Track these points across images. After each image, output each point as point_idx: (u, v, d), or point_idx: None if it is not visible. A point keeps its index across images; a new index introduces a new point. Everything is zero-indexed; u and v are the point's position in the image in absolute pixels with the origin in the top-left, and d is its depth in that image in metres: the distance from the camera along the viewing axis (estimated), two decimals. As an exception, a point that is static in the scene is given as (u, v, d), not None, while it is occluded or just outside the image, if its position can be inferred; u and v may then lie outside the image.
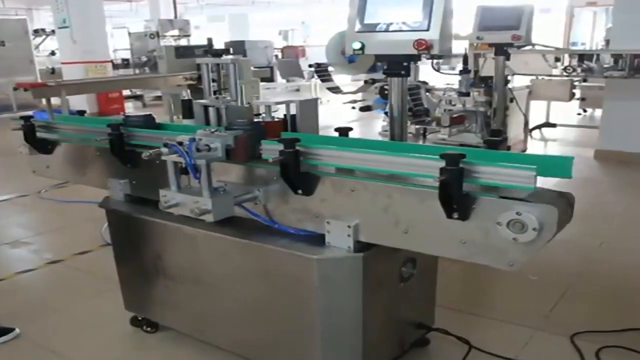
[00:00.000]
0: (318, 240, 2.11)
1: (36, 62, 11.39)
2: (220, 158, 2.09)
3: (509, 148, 4.55)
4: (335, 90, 4.50)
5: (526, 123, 6.23)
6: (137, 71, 13.78)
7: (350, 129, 2.24)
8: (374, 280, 2.14)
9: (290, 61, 17.81)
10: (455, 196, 1.72)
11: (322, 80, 4.49)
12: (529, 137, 6.40)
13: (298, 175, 2.03)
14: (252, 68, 13.49)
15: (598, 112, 9.87)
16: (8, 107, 11.17)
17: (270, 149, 2.08)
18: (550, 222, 1.64)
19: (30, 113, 4.81)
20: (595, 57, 7.35)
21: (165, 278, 2.64)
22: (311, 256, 2.06)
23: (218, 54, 2.82)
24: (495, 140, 1.87)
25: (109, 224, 2.85)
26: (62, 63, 11.66)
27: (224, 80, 3.06)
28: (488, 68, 4.95)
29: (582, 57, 6.87)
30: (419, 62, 3.77)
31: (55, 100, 8.53)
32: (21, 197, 5.98)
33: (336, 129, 2.23)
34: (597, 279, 3.57)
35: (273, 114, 2.49)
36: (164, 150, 2.04)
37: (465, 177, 1.69)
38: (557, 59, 7.70)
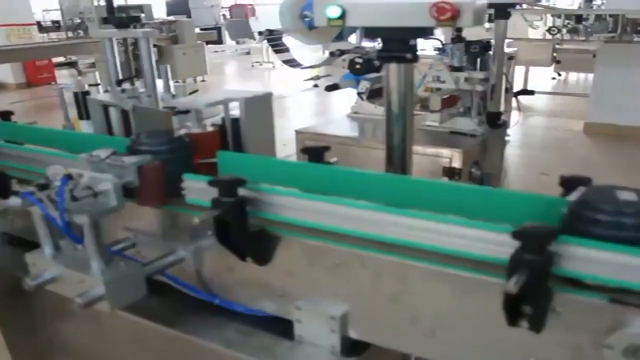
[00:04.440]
0: (282, 327, 1.32)
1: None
2: (114, 208, 1.25)
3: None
4: (292, 63, 3.63)
5: (508, 92, 5.51)
6: (70, 34, 12.41)
7: (327, 148, 1.42)
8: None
9: (239, 21, 16.59)
10: (531, 298, 0.94)
11: (276, 51, 3.62)
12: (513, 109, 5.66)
13: (245, 237, 1.22)
14: (196, 30, 12.46)
15: (572, 77, 9.32)
16: None
17: (198, 190, 1.25)
18: None
19: None
20: (575, 17, 6.64)
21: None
22: (271, 368, 1.26)
23: (123, 22, 1.91)
24: (580, 178, 1.09)
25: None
26: (-22, 26, 10.29)
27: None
28: (472, 31, 4.15)
29: (580, 17, 6.11)
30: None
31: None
32: None
33: (304, 150, 1.41)
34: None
35: (210, 120, 1.65)
36: (13, 201, 1.19)
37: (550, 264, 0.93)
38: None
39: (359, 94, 3.57)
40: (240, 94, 1.65)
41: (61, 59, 12.71)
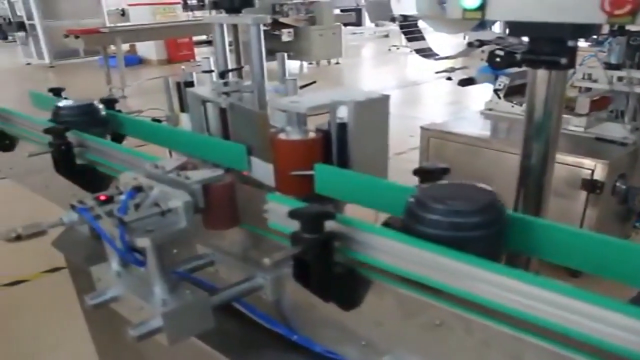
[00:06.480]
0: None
1: (104, 4, 10.70)
2: (183, 231, 1.07)
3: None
4: (426, 52, 3.32)
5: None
6: (213, 13, 12.82)
7: (447, 170, 1.14)
8: None
9: (380, 3, 16.21)
10: None
11: (409, 39, 3.33)
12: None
13: (329, 279, 0.99)
14: (336, 11, 12.35)
15: None
16: (75, 52, 10.62)
17: (280, 213, 1.04)
18: None
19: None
20: None
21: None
22: None
23: (234, 7, 1.74)
24: None
25: (70, 274, 1.92)
26: (129, 5, 10.91)
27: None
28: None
29: None
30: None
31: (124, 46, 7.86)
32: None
33: (416, 171, 1.14)
34: None
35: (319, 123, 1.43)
36: (69, 217, 1.05)
37: None
38: None
39: (495, 90, 3.19)
40: (352, 95, 1.41)
41: (204, 37, 13.18)
